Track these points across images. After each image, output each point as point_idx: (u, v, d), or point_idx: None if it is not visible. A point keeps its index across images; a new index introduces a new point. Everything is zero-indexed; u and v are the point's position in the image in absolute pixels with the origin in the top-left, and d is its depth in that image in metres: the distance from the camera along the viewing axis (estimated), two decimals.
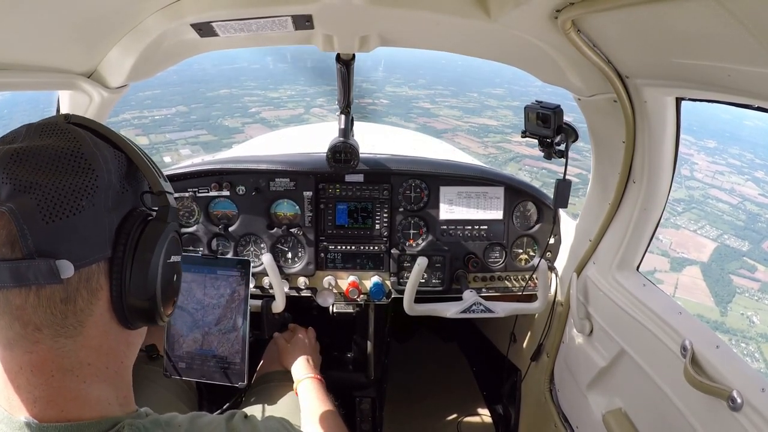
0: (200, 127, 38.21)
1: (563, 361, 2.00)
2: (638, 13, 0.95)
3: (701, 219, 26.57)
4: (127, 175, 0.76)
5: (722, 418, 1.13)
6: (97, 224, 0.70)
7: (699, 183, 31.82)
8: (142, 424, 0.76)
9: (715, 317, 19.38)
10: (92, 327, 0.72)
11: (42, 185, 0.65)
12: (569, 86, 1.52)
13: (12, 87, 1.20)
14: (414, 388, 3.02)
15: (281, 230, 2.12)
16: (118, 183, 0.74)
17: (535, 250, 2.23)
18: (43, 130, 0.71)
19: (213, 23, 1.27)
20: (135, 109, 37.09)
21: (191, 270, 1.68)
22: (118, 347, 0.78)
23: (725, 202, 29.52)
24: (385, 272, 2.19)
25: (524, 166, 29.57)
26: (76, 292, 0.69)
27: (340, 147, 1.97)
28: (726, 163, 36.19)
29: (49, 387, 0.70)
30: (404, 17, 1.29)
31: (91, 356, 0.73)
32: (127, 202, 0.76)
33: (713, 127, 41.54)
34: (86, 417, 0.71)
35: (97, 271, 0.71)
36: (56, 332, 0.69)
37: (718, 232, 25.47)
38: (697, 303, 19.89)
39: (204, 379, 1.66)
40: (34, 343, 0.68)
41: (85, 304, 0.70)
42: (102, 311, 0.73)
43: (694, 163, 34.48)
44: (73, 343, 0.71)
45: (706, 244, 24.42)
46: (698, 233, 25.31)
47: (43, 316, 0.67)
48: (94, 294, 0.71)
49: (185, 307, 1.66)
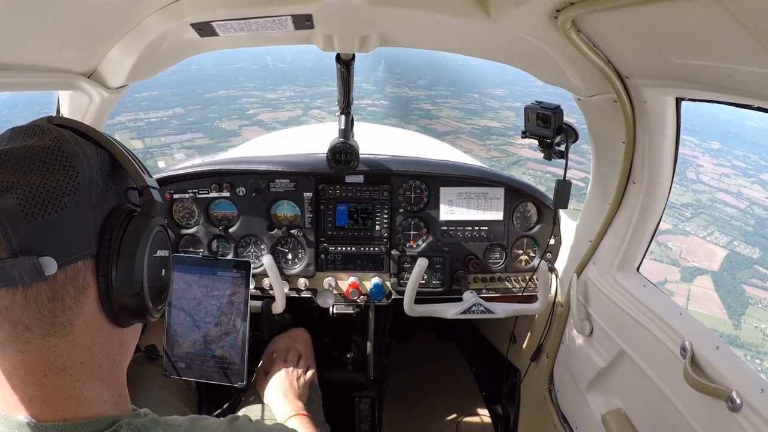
0: (196, 130, 37.88)
1: (563, 362, 2.00)
2: (638, 13, 0.95)
3: (710, 225, 25.98)
4: (111, 173, 0.77)
5: (722, 419, 1.13)
6: (80, 221, 0.70)
7: (706, 186, 31.31)
8: (141, 422, 0.75)
9: (728, 331, 18.71)
10: (83, 325, 0.72)
11: (23, 184, 0.65)
12: (569, 86, 1.52)
13: (12, 87, 1.19)
14: (414, 388, 3.02)
15: (281, 231, 2.12)
16: (101, 180, 0.74)
17: (536, 250, 2.23)
18: (26, 133, 0.72)
19: (213, 23, 1.27)
20: (131, 112, 36.75)
21: (191, 271, 1.68)
22: (111, 346, 0.78)
23: (733, 206, 29.00)
24: (385, 273, 2.19)
25: (528, 170, 29.00)
26: (63, 290, 0.69)
27: (340, 148, 1.97)
28: (731, 165, 35.76)
29: (42, 386, 0.70)
30: (404, 17, 1.29)
31: (83, 355, 0.73)
32: (111, 199, 0.76)
33: (716, 128, 41.14)
34: (82, 416, 0.71)
35: (83, 268, 0.71)
36: (46, 331, 0.69)
37: (728, 238, 24.85)
38: (710, 316, 19.14)
39: (203, 379, 1.66)
40: (25, 343, 0.68)
41: (73, 302, 0.70)
42: (91, 309, 0.73)
43: (700, 165, 33.97)
44: (65, 342, 0.71)
45: (716, 251, 23.80)
46: (708, 240, 24.74)
47: (32, 315, 0.67)
48: (82, 291, 0.71)
49: (185, 308, 1.66)
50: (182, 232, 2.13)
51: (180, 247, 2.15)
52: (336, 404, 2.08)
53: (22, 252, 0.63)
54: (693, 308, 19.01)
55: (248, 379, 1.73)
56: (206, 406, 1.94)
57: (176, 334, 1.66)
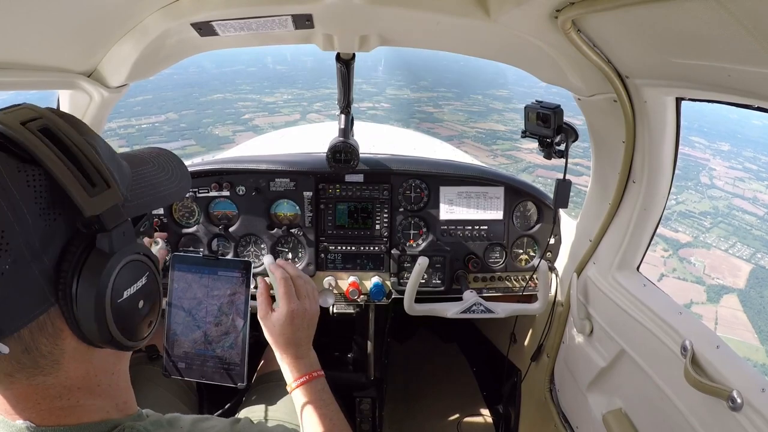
0: (188, 137, 37.08)
1: (563, 362, 2.00)
2: (638, 13, 0.95)
3: (731, 235, 24.80)
4: (53, 198, 0.60)
5: (722, 419, 1.13)
6: (26, 280, 0.58)
7: (721, 192, 30.26)
8: (143, 426, 0.75)
9: (762, 359, 17.03)
10: (70, 361, 0.67)
11: None
12: (569, 86, 1.52)
13: (12, 86, 1.19)
14: (414, 388, 3.02)
15: (281, 231, 2.12)
16: (41, 216, 0.59)
17: (536, 250, 2.23)
18: None
19: (213, 22, 1.27)
20: (123, 117, 35.80)
21: (192, 270, 1.68)
22: (106, 364, 0.74)
23: (751, 213, 27.93)
24: (385, 273, 2.19)
25: (537, 177, 27.96)
26: (35, 342, 0.62)
27: (340, 147, 1.97)
28: (743, 168, 34.85)
29: (39, 410, 0.67)
30: (404, 17, 1.29)
31: (78, 381, 0.69)
32: (60, 232, 0.61)
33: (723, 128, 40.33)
34: (83, 421, 0.70)
35: (47, 319, 0.62)
36: (30, 374, 0.64)
37: (751, 250, 23.59)
38: (741, 342, 17.50)
39: (204, 379, 1.66)
40: (10, 384, 0.64)
41: (51, 347, 0.64)
42: (74, 346, 0.67)
43: (712, 168, 33.04)
44: (54, 378, 0.66)
45: (741, 266, 22.56)
46: (730, 253, 23.51)
47: (11, 367, 0.62)
48: (57, 336, 0.64)
49: (185, 307, 1.66)
50: (182, 231, 2.13)
51: (180, 246, 2.15)
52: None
53: None
54: (722, 334, 17.35)
55: (249, 379, 1.73)
56: (207, 407, 1.94)
57: (176, 333, 1.65)
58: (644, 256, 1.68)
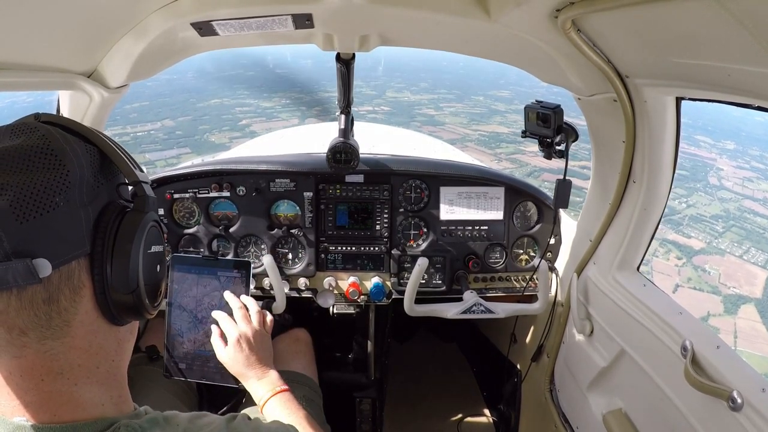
0: (183, 145, 36.07)
1: (563, 362, 2.00)
2: (638, 12, 0.95)
3: (744, 240, 23.66)
4: (101, 169, 0.75)
5: (722, 419, 1.13)
6: (72, 220, 0.69)
7: (731, 193, 29.02)
8: (139, 424, 0.75)
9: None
10: (79, 326, 0.71)
11: (13, 185, 0.63)
12: (569, 86, 1.52)
13: (12, 87, 1.19)
14: (414, 388, 3.02)
15: (281, 231, 2.12)
16: (92, 177, 0.73)
17: (536, 250, 2.23)
18: (13, 132, 0.70)
19: (213, 22, 1.27)
20: (118, 125, 34.69)
21: (192, 271, 1.68)
22: (108, 346, 0.77)
23: (763, 215, 26.76)
24: (385, 273, 2.19)
25: (543, 182, 26.27)
26: (58, 291, 0.68)
27: (340, 147, 1.97)
28: (750, 167, 33.72)
29: (39, 391, 0.69)
30: (404, 17, 1.29)
31: (80, 357, 0.72)
32: (102, 196, 0.75)
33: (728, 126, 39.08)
34: (80, 419, 0.71)
35: (77, 268, 0.70)
36: (42, 335, 0.68)
37: (766, 255, 22.36)
38: (762, 357, 16.13)
39: (204, 380, 1.66)
40: (21, 347, 0.67)
41: (68, 303, 0.69)
42: (87, 309, 0.72)
43: (720, 168, 32.07)
44: (61, 344, 0.70)
45: (757, 273, 21.38)
46: (745, 259, 22.36)
47: (27, 318, 0.66)
48: (77, 291, 0.70)
49: (186, 308, 1.66)
50: (182, 231, 2.13)
51: (180, 247, 2.15)
52: (337, 404, 2.08)
53: (15, 255, 0.62)
54: (742, 348, 16.25)
55: None
56: (207, 407, 1.94)
57: (177, 334, 1.65)
58: (644, 257, 1.68)
